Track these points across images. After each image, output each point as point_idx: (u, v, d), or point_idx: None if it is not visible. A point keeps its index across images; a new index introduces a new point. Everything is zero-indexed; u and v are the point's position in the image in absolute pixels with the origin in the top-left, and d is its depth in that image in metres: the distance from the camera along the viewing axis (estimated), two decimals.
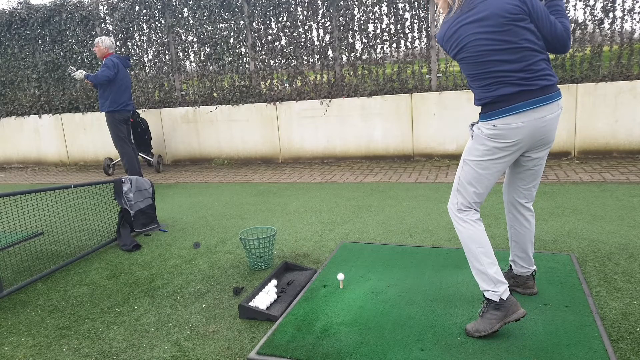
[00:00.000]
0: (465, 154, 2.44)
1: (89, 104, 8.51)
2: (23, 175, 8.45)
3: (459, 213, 2.44)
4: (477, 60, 2.26)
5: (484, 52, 2.23)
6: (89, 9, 8.03)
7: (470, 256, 2.39)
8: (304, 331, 2.49)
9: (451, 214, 2.49)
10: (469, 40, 2.24)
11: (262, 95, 7.58)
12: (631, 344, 2.23)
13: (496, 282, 2.31)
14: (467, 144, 2.46)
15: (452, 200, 2.49)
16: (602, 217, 3.99)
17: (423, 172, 6.21)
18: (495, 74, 2.25)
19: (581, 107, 6.16)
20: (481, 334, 2.30)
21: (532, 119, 2.25)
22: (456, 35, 2.28)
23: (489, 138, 2.31)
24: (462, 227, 2.42)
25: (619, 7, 5.97)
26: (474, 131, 2.38)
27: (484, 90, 2.30)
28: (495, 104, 2.28)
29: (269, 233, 3.71)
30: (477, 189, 2.40)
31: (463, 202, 2.43)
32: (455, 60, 2.40)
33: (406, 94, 6.84)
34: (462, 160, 2.46)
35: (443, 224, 4.11)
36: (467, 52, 2.28)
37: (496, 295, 2.30)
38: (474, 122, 2.42)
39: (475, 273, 2.38)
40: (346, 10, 6.91)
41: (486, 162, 2.36)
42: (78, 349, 2.54)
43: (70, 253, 4.03)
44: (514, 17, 2.16)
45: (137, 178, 4.45)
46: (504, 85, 2.24)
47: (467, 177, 2.41)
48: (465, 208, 2.43)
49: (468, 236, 2.39)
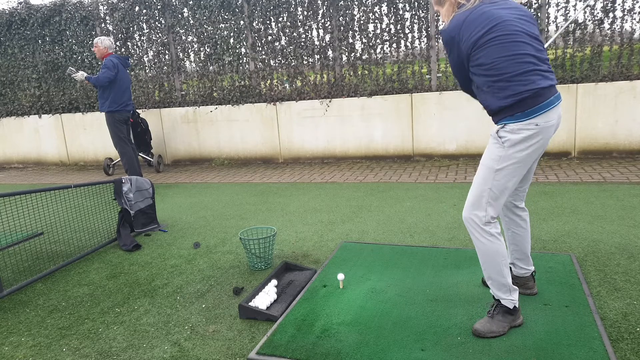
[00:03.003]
0: (493, 163, 2.24)
1: (89, 104, 8.51)
2: (23, 175, 8.45)
3: (486, 226, 2.29)
4: (509, 40, 2.12)
5: (517, 32, 2.13)
6: (89, 9, 8.03)
7: (492, 269, 2.32)
8: (304, 331, 2.49)
9: (474, 227, 2.31)
10: (502, 19, 2.12)
11: (262, 95, 7.58)
12: (631, 344, 2.23)
13: (512, 290, 2.35)
14: (492, 152, 2.26)
15: (478, 214, 2.29)
16: (602, 217, 3.99)
17: (423, 172, 6.21)
18: (528, 59, 2.12)
19: (581, 107, 6.16)
20: (494, 335, 2.31)
21: (558, 115, 2.21)
22: (484, 16, 2.15)
23: (527, 140, 2.16)
24: (487, 241, 2.30)
25: (619, 7, 5.98)
26: (506, 137, 2.19)
27: (520, 83, 2.12)
28: (535, 98, 2.13)
29: (269, 233, 3.71)
30: (507, 196, 2.30)
31: (493, 214, 2.29)
32: (474, 49, 2.17)
33: (406, 94, 6.84)
34: (488, 169, 2.26)
35: (443, 224, 4.11)
36: (498, 31, 2.12)
37: (512, 302, 2.33)
38: (499, 129, 2.24)
39: (493, 283, 2.35)
40: (346, 10, 6.91)
41: (522, 167, 2.23)
42: (78, 349, 2.54)
43: (70, 253, 4.03)
44: (531, 15, 2.27)
45: (137, 178, 4.44)
46: (539, 77, 2.13)
47: (499, 187, 2.25)
48: (493, 220, 2.30)
49: (495, 250, 2.29)
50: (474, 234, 2.33)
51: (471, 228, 2.33)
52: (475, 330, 2.34)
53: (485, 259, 2.33)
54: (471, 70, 2.27)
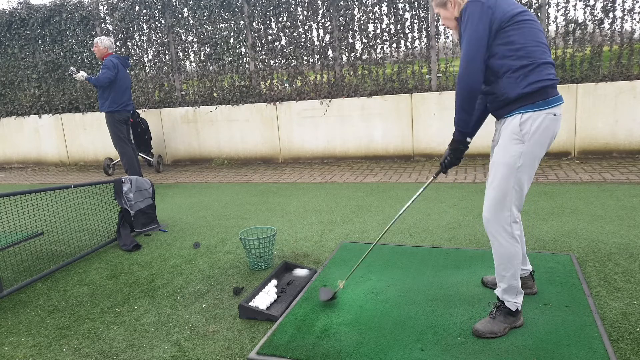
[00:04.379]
0: (514, 160, 2.19)
1: (89, 104, 8.51)
2: (23, 175, 8.44)
3: (510, 227, 2.25)
4: (537, 28, 2.16)
5: (536, 22, 2.19)
6: (89, 9, 8.03)
7: (508, 271, 2.30)
8: (304, 331, 2.49)
9: (498, 229, 2.26)
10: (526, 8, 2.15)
11: (262, 95, 7.58)
12: (631, 344, 2.23)
13: (518, 294, 2.36)
14: (510, 150, 2.19)
15: (504, 214, 2.24)
16: (602, 217, 3.99)
17: (423, 172, 6.21)
18: (547, 51, 2.17)
19: (581, 107, 6.16)
20: (494, 335, 2.31)
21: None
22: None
23: (545, 131, 2.15)
24: (508, 243, 2.27)
25: (619, 7, 5.98)
26: (525, 129, 2.15)
27: (544, 72, 2.13)
28: (554, 88, 2.16)
29: (269, 233, 3.71)
30: (525, 193, 2.28)
31: (516, 213, 2.26)
32: (511, 23, 2.11)
33: (406, 94, 6.84)
34: (509, 167, 2.20)
35: (443, 224, 4.11)
36: (529, 16, 2.15)
37: (515, 305, 2.34)
38: (519, 122, 2.18)
39: (504, 286, 2.35)
40: (346, 10, 6.91)
41: (537, 161, 2.22)
42: (78, 349, 2.54)
43: (70, 253, 4.03)
44: None
45: (137, 178, 4.45)
46: (553, 70, 2.18)
47: (520, 184, 2.22)
48: (517, 220, 2.28)
49: (514, 253, 2.28)
50: (495, 237, 2.28)
51: (494, 230, 2.27)
52: (476, 330, 2.34)
53: (502, 260, 2.31)
54: (494, 50, 2.16)
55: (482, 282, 2.86)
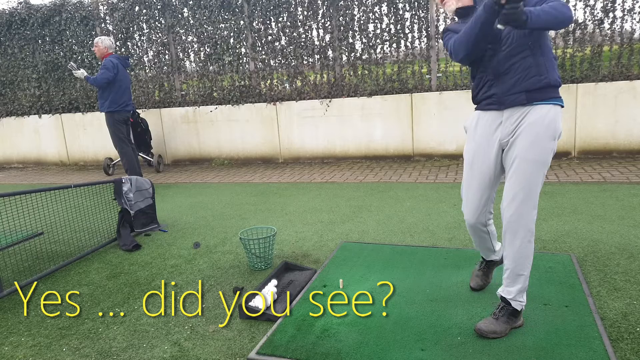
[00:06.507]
0: (547, 156, 2.15)
1: (89, 104, 8.51)
2: (23, 175, 8.44)
3: (534, 227, 2.22)
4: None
5: None
6: (89, 9, 8.03)
7: (526, 270, 2.29)
8: (304, 331, 2.49)
9: (527, 229, 2.21)
10: None
11: (262, 95, 7.58)
12: (631, 344, 2.23)
13: (524, 294, 2.36)
14: (544, 145, 2.13)
15: (531, 214, 2.19)
16: (602, 217, 3.99)
17: (423, 172, 6.21)
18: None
19: (581, 107, 6.16)
20: (496, 336, 2.31)
21: None
22: None
23: (559, 125, 2.18)
24: (531, 245, 2.24)
25: (619, 7, 5.97)
26: (558, 126, 2.14)
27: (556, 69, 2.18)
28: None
29: (269, 233, 3.71)
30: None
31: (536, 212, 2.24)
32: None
33: (406, 94, 6.84)
34: (542, 164, 2.14)
35: (443, 224, 4.11)
36: None
37: (521, 305, 2.35)
38: (552, 115, 2.15)
39: (521, 286, 2.33)
40: (346, 10, 6.91)
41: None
42: (78, 349, 2.54)
43: (70, 253, 4.03)
44: None
45: (137, 178, 4.44)
46: None
47: (540, 184, 2.18)
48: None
49: (532, 252, 2.27)
50: (521, 238, 2.21)
51: (521, 229, 2.20)
52: (479, 330, 2.33)
53: (521, 261, 2.27)
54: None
55: (470, 287, 2.82)
